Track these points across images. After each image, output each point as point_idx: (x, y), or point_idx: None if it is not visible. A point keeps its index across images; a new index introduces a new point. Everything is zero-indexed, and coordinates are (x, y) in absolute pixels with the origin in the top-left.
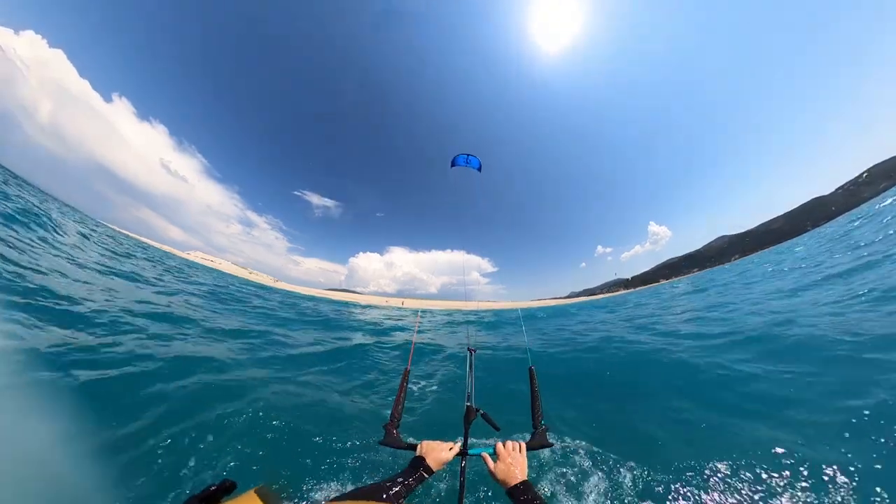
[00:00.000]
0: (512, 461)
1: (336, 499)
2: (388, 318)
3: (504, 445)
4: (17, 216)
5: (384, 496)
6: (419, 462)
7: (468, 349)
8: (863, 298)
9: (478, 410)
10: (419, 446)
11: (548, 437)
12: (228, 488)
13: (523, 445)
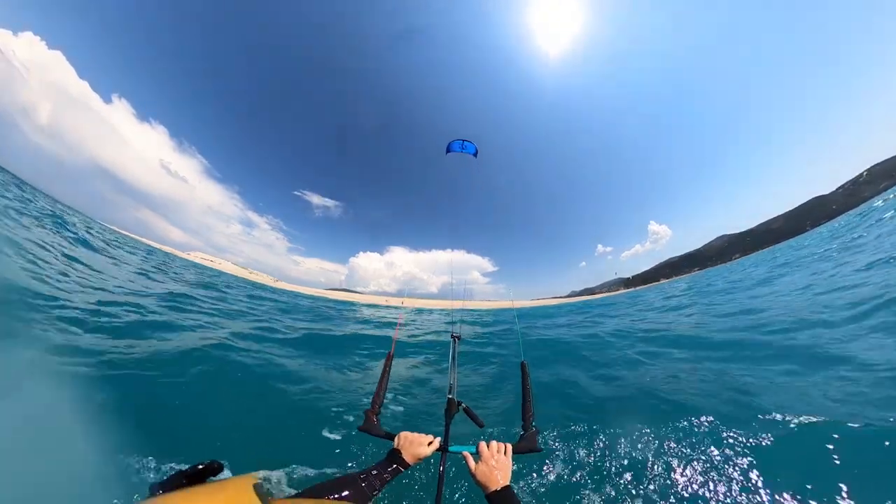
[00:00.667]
0: (496, 464)
1: (310, 489)
2: (385, 317)
3: (488, 445)
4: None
5: (359, 488)
6: (395, 455)
7: (452, 336)
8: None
9: (460, 404)
10: (397, 438)
11: (538, 441)
12: (215, 469)
13: (510, 448)
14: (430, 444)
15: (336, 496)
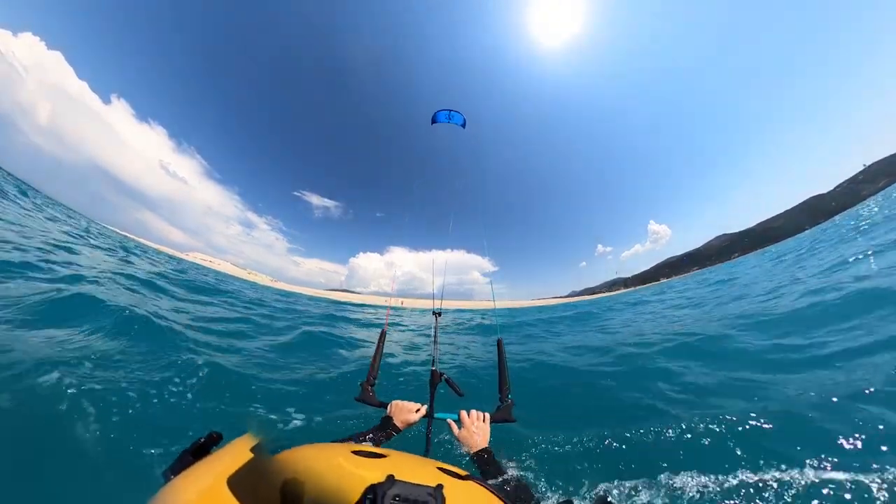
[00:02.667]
0: (475, 429)
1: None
2: (382, 314)
3: (469, 414)
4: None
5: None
6: (388, 421)
7: (433, 313)
8: None
9: (442, 375)
10: (389, 406)
11: (512, 413)
12: (216, 439)
13: (487, 416)
14: (417, 411)
15: None
